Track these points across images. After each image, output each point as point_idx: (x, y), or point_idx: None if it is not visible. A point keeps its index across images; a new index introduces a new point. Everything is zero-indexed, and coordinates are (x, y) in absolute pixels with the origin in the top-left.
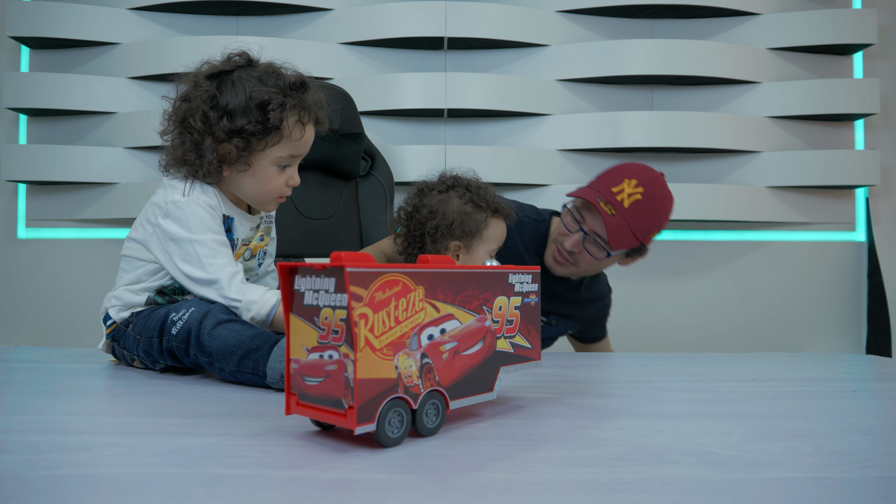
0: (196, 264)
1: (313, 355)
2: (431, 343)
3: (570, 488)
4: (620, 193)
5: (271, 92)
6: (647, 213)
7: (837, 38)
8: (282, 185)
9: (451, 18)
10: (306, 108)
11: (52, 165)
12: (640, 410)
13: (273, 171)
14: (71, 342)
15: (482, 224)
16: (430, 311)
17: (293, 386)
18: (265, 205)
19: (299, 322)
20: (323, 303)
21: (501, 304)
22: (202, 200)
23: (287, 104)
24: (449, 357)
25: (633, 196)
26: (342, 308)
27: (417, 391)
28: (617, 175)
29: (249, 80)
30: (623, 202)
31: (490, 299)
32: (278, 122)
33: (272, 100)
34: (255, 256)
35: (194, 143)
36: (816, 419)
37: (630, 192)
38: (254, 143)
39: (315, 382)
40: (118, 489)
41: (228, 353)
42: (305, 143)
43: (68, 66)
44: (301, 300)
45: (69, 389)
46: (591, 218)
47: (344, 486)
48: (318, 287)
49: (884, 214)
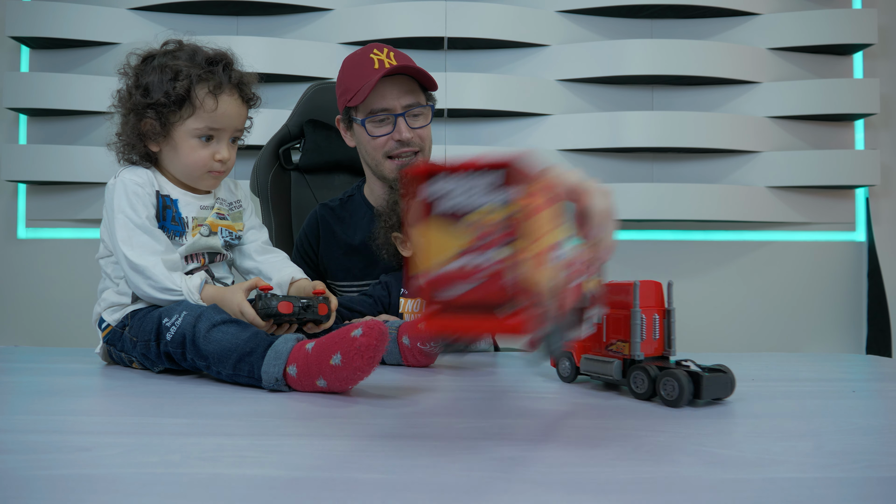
0: (125, 241)
1: (459, 261)
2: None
3: (570, 488)
4: (380, 60)
5: (182, 65)
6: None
7: (837, 38)
8: (207, 158)
9: (451, 18)
10: (217, 79)
11: (52, 165)
12: (640, 410)
13: (193, 143)
14: (71, 342)
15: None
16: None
17: (425, 304)
18: (197, 180)
19: (436, 230)
20: (476, 203)
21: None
22: (128, 179)
23: (193, 75)
24: (566, 280)
25: (389, 53)
26: (499, 208)
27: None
28: (359, 63)
29: (168, 58)
30: (385, 61)
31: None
32: (184, 92)
33: (181, 71)
34: (217, 234)
35: (124, 123)
36: (816, 419)
37: (384, 56)
38: (169, 116)
39: (462, 290)
40: (118, 489)
41: (224, 356)
42: (223, 116)
43: (68, 66)
44: (438, 206)
45: (69, 389)
46: (390, 95)
47: (344, 486)
48: (467, 188)
49: (884, 214)
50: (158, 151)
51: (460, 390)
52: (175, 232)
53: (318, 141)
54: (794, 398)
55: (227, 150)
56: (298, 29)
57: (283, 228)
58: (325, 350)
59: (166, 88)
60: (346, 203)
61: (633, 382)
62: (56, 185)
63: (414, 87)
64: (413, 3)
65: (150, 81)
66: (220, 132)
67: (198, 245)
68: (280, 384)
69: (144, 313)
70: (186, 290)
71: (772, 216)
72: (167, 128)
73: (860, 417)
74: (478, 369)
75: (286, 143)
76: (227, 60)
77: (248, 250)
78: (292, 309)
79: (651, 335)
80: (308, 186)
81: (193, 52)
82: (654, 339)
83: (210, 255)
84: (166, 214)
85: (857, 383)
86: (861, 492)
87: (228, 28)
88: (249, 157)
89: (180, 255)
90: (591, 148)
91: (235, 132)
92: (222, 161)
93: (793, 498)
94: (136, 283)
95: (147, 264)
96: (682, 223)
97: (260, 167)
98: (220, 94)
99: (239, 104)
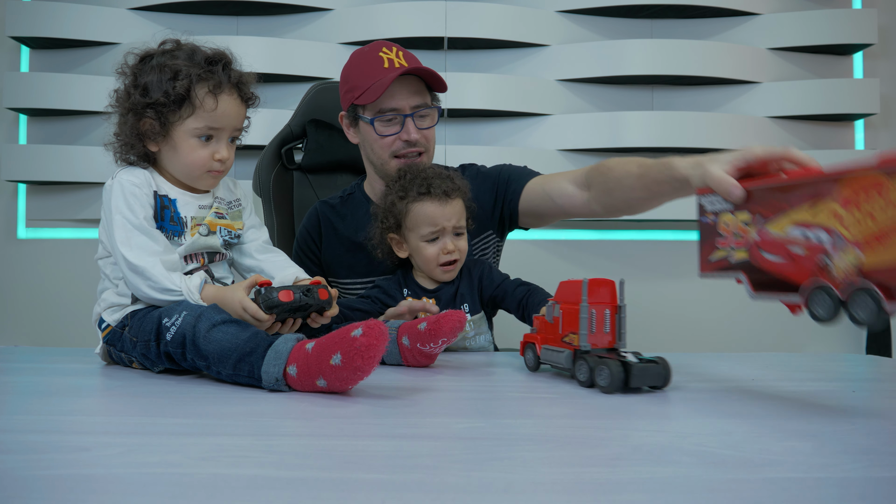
0: (124, 243)
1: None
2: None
3: (570, 488)
4: (390, 59)
5: (181, 65)
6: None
7: (837, 38)
8: (206, 158)
9: (451, 18)
10: (217, 79)
11: (52, 165)
12: (640, 410)
13: (193, 143)
14: (71, 342)
15: (402, 214)
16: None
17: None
18: (196, 180)
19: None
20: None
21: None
22: (125, 180)
23: (193, 74)
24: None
25: (398, 53)
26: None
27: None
28: (368, 61)
29: (166, 58)
30: (395, 61)
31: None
32: (184, 91)
33: (180, 71)
34: (216, 233)
35: (122, 123)
36: (816, 419)
37: (394, 55)
38: (168, 116)
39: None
40: (118, 489)
41: (224, 356)
42: (223, 115)
43: (68, 66)
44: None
45: (69, 389)
46: (399, 95)
47: (344, 486)
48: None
49: None
50: (157, 151)
51: (460, 390)
52: (174, 232)
53: (321, 141)
54: (794, 398)
55: (226, 149)
56: (298, 29)
57: (285, 228)
58: (325, 350)
59: (166, 88)
60: (346, 200)
61: (577, 371)
62: (56, 185)
63: (422, 88)
64: (413, 3)
65: (150, 81)
66: (219, 132)
67: (197, 245)
68: (280, 384)
69: (144, 313)
70: (186, 290)
71: None
72: (166, 127)
73: (860, 417)
74: (478, 369)
75: (289, 143)
76: (226, 60)
77: (249, 249)
78: (293, 296)
79: (602, 328)
80: (310, 186)
81: (192, 52)
82: (605, 332)
83: (209, 255)
84: (164, 214)
85: (857, 383)
86: (861, 492)
87: (228, 28)
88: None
89: (179, 256)
90: (591, 148)
91: (234, 132)
92: (222, 161)
93: (793, 498)
94: (135, 285)
95: (146, 265)
96: (683, 223)
97: (262, 167)
98: (219, 93)
99: (238, 104)
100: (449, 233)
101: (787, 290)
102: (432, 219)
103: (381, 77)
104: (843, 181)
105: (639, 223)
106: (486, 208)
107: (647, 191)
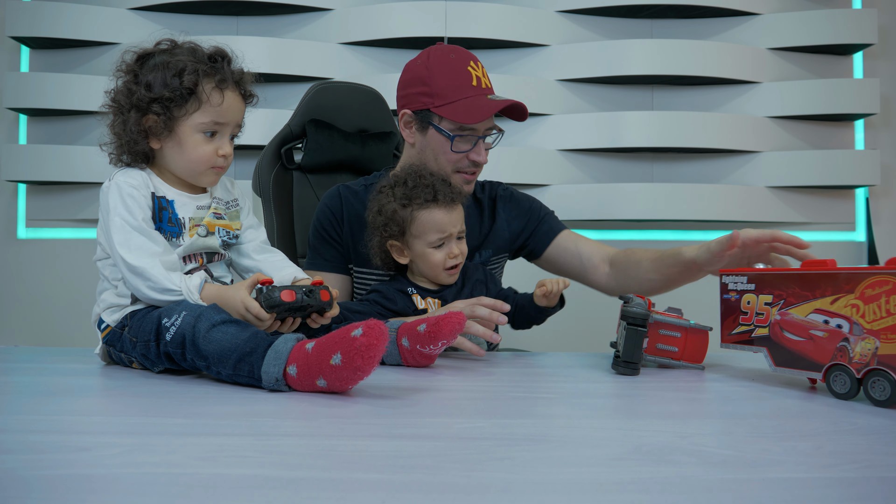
0: (123, 245)
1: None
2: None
3: (570, 488)
4: (478, 77)
5: (186, 61)
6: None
7: (837, 38)
8: (211, 154)
9: (451, 18)
10: (222, 74)
11: (52, 165)
12: (640, 410)
13: (198, 138)
14: (71, 342)
15: (408, 221)
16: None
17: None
18: (199, 176)
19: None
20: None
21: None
22: (122, 181)
23: (200, 70)
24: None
25: (483, 71)
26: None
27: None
28: (455, 71)
29: (168, 55)
30: (483, 81)
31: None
32: (192, 86)
33: (186, 67)
34: (215, 234)
35: (123, 121)
36: (816, 419)
37: (481, 73)
38: (174, 111)
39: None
40: (118, 489)
41: (224, 356)
42: (228, 110)
43: (68, 66)
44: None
45: (69, 389)
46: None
47: (344, 486)
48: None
49: (884, 214)
50: (159, 149)
51: (460, 390)
52: (172, 233)
53: (321, 140)
54: (794, 398)
55: (228, 145)
56: (298, 29)
57: (285, 228)
58: (325, 350)
59: (171, 83)
60: (370, 189)
61: None
62: (56, 185)
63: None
64: (413, 3)
65: (153, 77)
66: (223, 127)
67: (195, 245)
68: (280, 384)
69: (144, 314)
70: (186, 290)
71: (772, 216)
72: (171, 123)
73: (860, 417)
74: (478, 369)
75: (288, 143)
76: (228, 57)
77: (247, 249)
78: (295, 296)
79: None
80: (310, 186)
81: (193, 49)
82: None
83: (208, 255)
84: (162, 216)
85: None
86: (861, 492)
87: (228, 28)
88: (251, 157)
89: (178, 256)
90: (591, 148)
91: (236, 128)
92: (225, 157)
93: (793, 498)
94: (135, 286)
95: (145, 266)
96: (682, 223)
97: (262, 167)
98: (225, 88)
99: (240, 100)
100: (454, 238)
101: (806, 367)
102: (440, 225)
103: (471, 95)
104: (862, 280)
105: (639, 223)
106: (513, 233)
107: (659, 273)
